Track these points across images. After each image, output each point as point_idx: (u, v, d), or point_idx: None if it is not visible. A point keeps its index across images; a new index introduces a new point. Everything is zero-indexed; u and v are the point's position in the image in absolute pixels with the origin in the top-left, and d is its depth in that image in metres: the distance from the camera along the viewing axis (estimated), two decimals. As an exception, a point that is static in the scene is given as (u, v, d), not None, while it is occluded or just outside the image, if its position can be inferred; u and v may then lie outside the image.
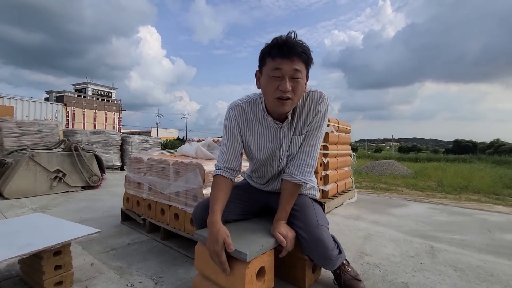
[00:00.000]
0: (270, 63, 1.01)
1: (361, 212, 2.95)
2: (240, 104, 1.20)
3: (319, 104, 1.14)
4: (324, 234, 1.14)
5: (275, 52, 0.99)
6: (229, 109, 1.22)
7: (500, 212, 3.17)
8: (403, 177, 6.95)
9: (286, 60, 0.98)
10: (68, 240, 1.25)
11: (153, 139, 7.88)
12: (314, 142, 1.18)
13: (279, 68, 0.99)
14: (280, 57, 0.99)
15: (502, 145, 35.28)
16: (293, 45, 0.99)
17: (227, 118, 1.22)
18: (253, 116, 1.18)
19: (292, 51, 0.98)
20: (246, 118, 1.19)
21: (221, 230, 1.03)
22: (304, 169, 1.17)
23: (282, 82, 1.00)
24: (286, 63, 0.98)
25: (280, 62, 0.99)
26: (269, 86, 1.04)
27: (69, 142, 4.10)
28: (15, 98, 10.34)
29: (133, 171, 2.31)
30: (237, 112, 1.19)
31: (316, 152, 1.19)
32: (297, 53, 0.98)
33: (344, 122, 3.51)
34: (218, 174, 1.20)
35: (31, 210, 2.82)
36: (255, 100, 1.18)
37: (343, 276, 1.31)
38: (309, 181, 1.20)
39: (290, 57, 0.98)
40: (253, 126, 1.20)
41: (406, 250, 1.88)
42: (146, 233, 2.11)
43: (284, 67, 0.99)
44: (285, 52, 0.98)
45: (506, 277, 1.51)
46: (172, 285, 1.37)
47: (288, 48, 0.98)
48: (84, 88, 44.06)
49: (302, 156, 1.18)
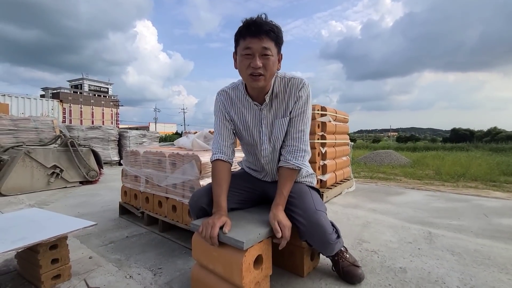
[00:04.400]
0: (242, 43, 1.07)
1: (359, 201, 2.96)
2: (225, 90, 1.29)
3: (299, 90, 1.18)
4: (322, 218, 1.14)
5: (244, 32, 1.05)
6: (216, 95, 1.31)
7: (497, 197, 3.19)
8: (401, 167, 6.97)
9: (255, 39, 1.04)
10: (63, 233, 1.24)
11: (151, 134, 7.86)
12: (302, 128, 1.21)
13: (249, 47, 1.05)
14: (250, 36, 1.04)
15: (499, 133, 35.45)
16: (261, 24, 1.04)
17: (215, 103, 1.30)
18: (236, 100, 1.25)
19: (260, 29, 1.03)
20: (231, 102, 1.27)
21: (222, 218, 1.07)
22: (297, 154, 1.21)
23: (253, 60, 1.06)
24: (255, 41, 1.04)
25: (249, 41, 1.04)
26: (242, 65, 1.10)
27: (65, 137, 4.07)
28: (10, 95, 10.23)
29: (130, 165, 2.29)
30: (223, 96, 1.28)
31: (306, 137, 1.23)
32: (264, 31, 1.03)
33: (341, 112, 3.49)
34: (217, 159, 1.22)
35: (28, 206, 2.81)
36: (238, 86, 1.26)
37: (341, 262, 1.31)
38: (303, 166, 1.22)
39: (258, 35, 1.03)
40: (237, 108, 1.26)
41: (404, 236, 1.89)
42: (145, 225, 2.11)
43: (253, 45, 1.04)
44: (253, 31, 1.03)
45: (502, 260, 1.52)
46: (171, 276, 1.37)
47: (256, 27, 1.03)
48: (80, 84, 43.62)
49: (292, 143, 1.21)
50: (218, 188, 1.16)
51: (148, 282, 1.32)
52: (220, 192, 1.15)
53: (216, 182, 1.18)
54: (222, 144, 1.25)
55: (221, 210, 1.11)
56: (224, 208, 1.12)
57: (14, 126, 4.69)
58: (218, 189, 1.16)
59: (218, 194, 1.15)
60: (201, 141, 2.05)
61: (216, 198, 1.15)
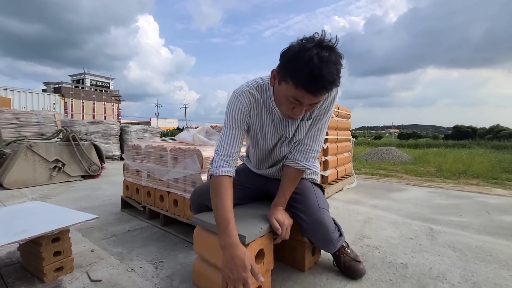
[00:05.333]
0: (291, 88, 0.87)
1: (360, 197, 2.96)
2: (249, 91, 1.06)
3: None
4: (325, 216, 1.13)
5: (300, 83, 0.84)
6: (237, 95, 1.06)
7: (499, 194, 3.18)
8: (403, 163, 6.95)
9: (310, 95, 0.86)
10: (66, 226, 1.25)
11: (152, 129, 7.86)
12: (321, 126, 1.13)
13: (299, 100, 0.89)
14: (305, 91, 0.85)
15: (502, 130, 35.25)
16: (324, 81, 0.82)
17: (234, 106, 1.05)
18: (262, 103, 1.08)
19: (321, 88, 0.84)
20: (257, 105, 1.08)
21: (247, 253, 0.90)
22: (309, 155, 1.14)
23: (298, 108, 0.92)
24: (310, 97, 0.87)
25: (303, 95, 0.87)
26: (283, 101, 0.94)
27: (66, 132, 4.07)
28: (12, 90, 10.24)
29: (131, 159, 2.29)
30: (247, 100, 1.06)
31: (322, 137, 1.15)
32: (325, 89, 0.85)
33: (344, 108, 3.47)
34: (225, 175, 1.01)
35: (31, 199, 2.82)
36: (263, 86, 1.08)
37: (342, 258, 1.31)
38: (313, 167, 1.17)
39: (315, 93, 0.86)
40: (261, 114, 1.10)
41: (405, 232, 1.89)
42: (146, 219, 2.12)
43: (305, 100, 0.89)
44: (312, 89, 0.85)
45: (504, 257, 1.52)
46: (173, 269, 1.38)
47: (318, 86, 0.84)
48: (82, 79, 43.57)
49: (307, 141, 1.13)
50: (225, 210, 0.95)
51: (150, 275, 1.32)
52: (230, 216, 0.94)
53: (221, 202, 0.96)
54: (232, 157, 1.04)
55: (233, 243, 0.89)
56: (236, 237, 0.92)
57: (16, 120, 4.70)
58: (226, 212, 0.94)
59: (228, 219, 0.93)
60: (202, 136, 2.04)
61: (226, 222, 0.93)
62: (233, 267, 0.86)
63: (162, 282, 1.26)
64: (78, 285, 1.23)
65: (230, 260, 0.87)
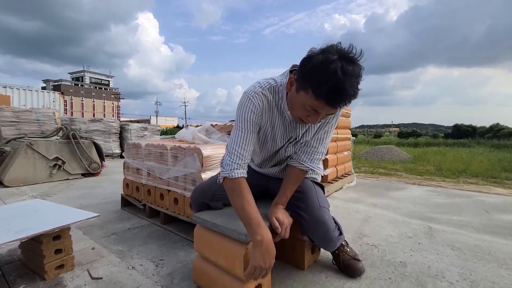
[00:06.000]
0: (311, 98, 0.87)
1: (360, 196, 2.97)
2: (262, 92, 1.03)
3: None
4: (325, 215, 1.14)
5: (322, 95, 0.84)
6: (249, 96, 1.02)
7: (498, 194, 3.18)
8: (402, 162, 6.96)
9: (329, 107, 0.87)
10: (67, 224, 1.25)
11: (152, 127, 7.86)
12: (328, 129, 1.12)
13: (317, 111, 0.90)
14: (325, 103, 0.85)
15: (502, 129, 35.26)
16: (346, 95, 0.83)
17: (247, 107, 1.02)
18: (274, 105, 1.06)
19: (342, 101, 0.85)
20: (269, 107, 1.06)
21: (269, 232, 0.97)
22: (314, 156, 1.13)
23: (313, 117, 0.93)
24: (328, 109, 0.88)
25: (322, 106, 0.87)
26: (299, 108, 0.94)
27: (66, 130, 4.07)
28: (12, 87, 10.21)
29: (132, 157, 2.30)
30: (262, 101, 1.03)
31: (328, 140, 1.14)
32: (345, 102, 0.86)
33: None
34: (241, 177, 1.02)
35: (31, 197, 2.83)
36: (275, 87, 1.05)
37: (341, 256, 1.32)
38: (316, 168, 1.18)
39: (335, 106, 0.87)
40: (273, 116, 1.08)
41: (404, 231, 1.90)
42: (146, 218, 2.13)
43: (323, 111, 0.90)
44: (333, 103, 0.85)
45: (503, 255, 1.53)
46: (173, 267, 1.39)
47: (339, 100, 0.84)
48: (81, 76, 43.45)
49: (313, 143, 1.12)
50: (250, 207, 0.97)
51: (150, 273, 1.33)
52: (255, 211, 0.98)
53: (247, 202, 0.98)
54: (245, 160, 1.03)
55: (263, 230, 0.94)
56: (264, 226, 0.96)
57: (16, 118, 4.70)
58: (251, 209, 0.97)
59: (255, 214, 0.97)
60: (202, 135, 2.04)
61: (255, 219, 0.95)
62: (269, 258, 0.92)
63: (162, 280, 1.27)
64: (79, 283, 1.24)
65: (267, 253, 0.92)
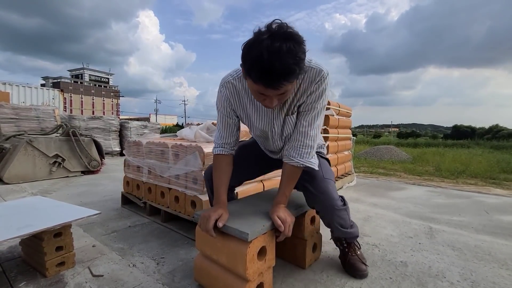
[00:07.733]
0: (252, 83, 0.88)
1: (360, 195, 2.97)
2: (230, 81, 1.11)
3: (315, 84, 1.02)
4: (329, 186, 1.17)
5: (257, 79, 0.83)
6: (220, 86, 1.14)
7: (497, 194, 3.20)
8: (402, 162, 6.97)
9: (270, 89, 0.85)
10: (68, 221, 1.25)
11: (152, 125, 7.84)
12: (309, 122, 1.08)
13: (263, 94, 0.90)
14: (264, 86, 0.84)
15: (501, 130, 35.32)
16: (279, 74, 0.80)
17: (218, 96, 1.16)
18: (244, 93, 1.11)
19: (278, 81, 0.82)
20: (238, 95, 1.12)
21: (225, 211, 1.08)
22: (301, 150, 1.10)
23: (267, 100, 0.93)
24: (271, 91, 0.86)
25: (264, 89, 0.86)
26: (254, 94, 0.96)
27: (66, 127, 4.06)
28: (11, 84, 10.17)
29: (132, 155, 2.29)
30: (228, 90, 1.12)
31: (313, 132, 1.09)
32: (283, 81, 0.83)
33: (344, 106, 3.47)
34: (218, 154, 1.19)
35: (31, 194, 2.82)
36: None
37: (349, 255, 1.33)
38: (309, 163, 1.14)
39: (275, 87, 0.84)
40: (244, 104, 1.13)
41: (404, 231, 1.90)
42: (147, 216, 2.12)
43: (268, 93, 0.88)
44: (270, 84, 0.83)
45: (502, 256, 1.53)
46: (174, 265, 1.39)
47: (274, 80, 0.82)
48: (81, 74, 43.32)
49: (298, 137, 1.10)
50: (219, 180, 1.15)
51: (151, 271, 1.33)
52: (220, 184, 1.15)
53: (217, 174, 1.17)
54: (224, 140, 1.19)
55: (220, 203, 1.11)
56: (223, 201, 1.12)
57: (15, 115, 4.68)
58: (218, 182, 1.15)
59: (218, 187, 1.14)
60: (204, 133, 2.04)
61: (216, 190, 1.14)
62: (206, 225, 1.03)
63: (163, 278, 1.27)
64: (80, 280, 1.24)
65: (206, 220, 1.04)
